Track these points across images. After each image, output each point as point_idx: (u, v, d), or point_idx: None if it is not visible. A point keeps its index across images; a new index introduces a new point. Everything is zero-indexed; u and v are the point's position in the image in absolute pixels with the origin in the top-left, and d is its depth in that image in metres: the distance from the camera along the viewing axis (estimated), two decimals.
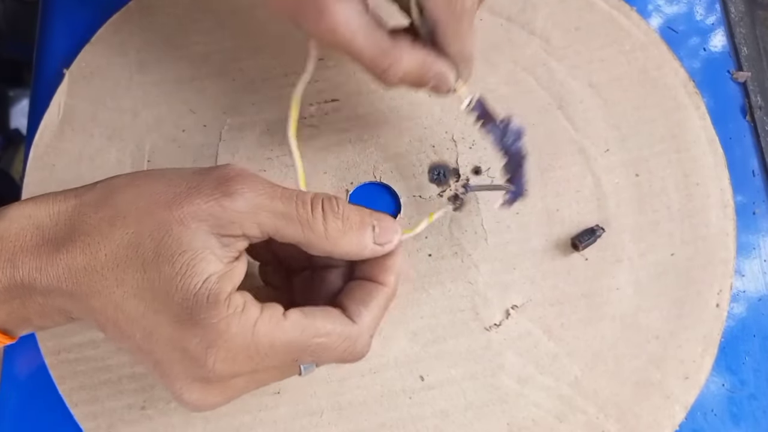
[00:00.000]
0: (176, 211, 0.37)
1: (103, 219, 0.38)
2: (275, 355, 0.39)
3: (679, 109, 0.57)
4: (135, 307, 0.37)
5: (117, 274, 0.37)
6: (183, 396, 0.39)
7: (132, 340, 0.38)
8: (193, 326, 0.36)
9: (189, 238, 0.37)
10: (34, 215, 0.39)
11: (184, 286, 0.36)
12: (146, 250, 0.37)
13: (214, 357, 0.37)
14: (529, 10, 0.59)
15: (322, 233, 0.40)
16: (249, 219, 0.38)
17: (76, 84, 0.57)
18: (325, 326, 0.40)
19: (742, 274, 0.54)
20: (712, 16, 0.61)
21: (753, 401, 0.52)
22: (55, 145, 0.56)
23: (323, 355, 0.40)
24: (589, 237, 0.53)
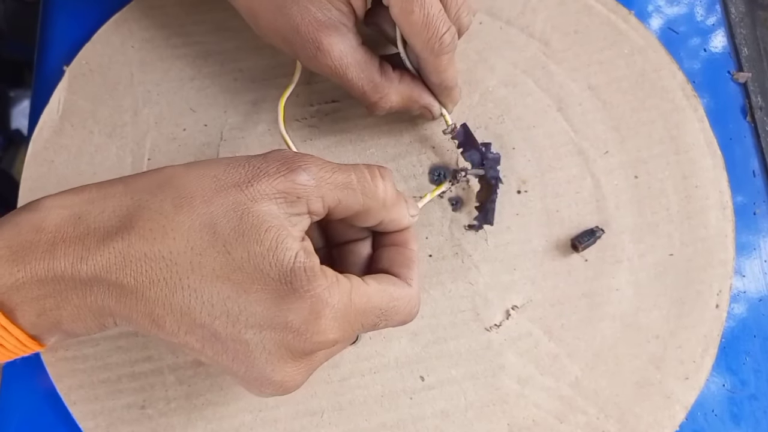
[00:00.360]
0: (247, 190, 0.37)
1: (166, 202, 0.37)
2: (364, 320, 0.40)
3: (677, 112, 0.57)
4: (217, 290, 0.36)
5: (191, 258, 0.36)
6: (272, 377, 0.38)
7: (204, 330, 0.37)
8: (298, 299, 0.37)
9: (269, 216, 0.37)
10: (74, 204, 0.38)
11: (278, 261, 0.36)
12: (225, 232, 0.37)
13: (323, 325, 0.37)
14: (528, 13, 0.59)
15: (381, 199, 0.42)
16: (314, 193, 0.39)
17: (76, 81, 0.57)
18: (395, 291, 0.42)
19: (742, 274, 0.55)
20: (713, 17, 0.61)
21: (753, 401, 0.52)
22: (54, 141, 0.56)
23: (394, 318, 0.42)
24: (588, 238, 0.53)
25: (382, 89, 0.50)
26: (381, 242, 0.46)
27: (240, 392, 0.50)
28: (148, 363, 0.51)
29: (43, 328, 0.38)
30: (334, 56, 0.48)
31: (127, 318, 0.38)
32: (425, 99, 0.53)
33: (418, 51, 0.49)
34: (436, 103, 0.53)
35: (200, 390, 0.50)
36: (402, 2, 0.46)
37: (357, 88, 0.50)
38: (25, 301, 0.37)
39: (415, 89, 0.52)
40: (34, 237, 0.37)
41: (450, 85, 0.52)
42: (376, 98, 0.51)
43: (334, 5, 0.47)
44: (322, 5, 0.47)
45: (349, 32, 0.49)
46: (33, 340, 0.39)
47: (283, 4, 0.47)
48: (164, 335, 0.38)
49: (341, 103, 0.57)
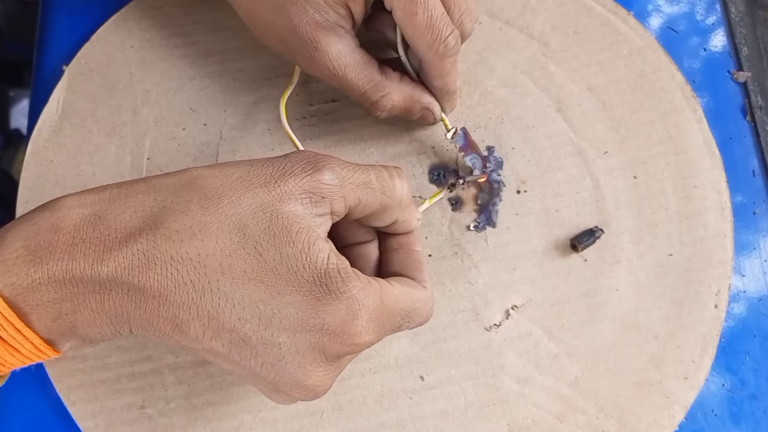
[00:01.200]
0: (274, 190, 0.37)
1: (192, 203, 0.37)
2: (393, 321, 0.40)
3: (676, 112, 0.57)
4: (249, 293, 0.36)
5: (221, 260, 0.36)
6: (304, 381, 0.38)
7: (232, 334, 0.36)
8: (334, 300, 0.36)
9: (298, 217, 0.37)
10: (95, 203, 0.37)
11: (311, 263, 0.36)
12: (256, 233, 0.36)
13: (360, 327, 0.37)
14: (527, 13, 0.59)
15: (397, 198, 0.42)
16: (337, 193, 0.39)
17: (75, 80, 0.57)
18: (416, 293, 0.42)
19: (742, 274, 0.55)
20: (713, 16, 0.61)
21: (753, 401, 0.52)
22: (53, 140, 0.56)
23: (415, 319, 0.43)
24: (588, 238, 0.53)
25: (383, 88, 0.50)
26: (388, 245, 0.46)
27: (240, 392, 0.50)
28: (147, 363, 0.51)
29: (58, 332, 0.37)
30: (332, 56, 0.48)
31: (146, 323, 0.37)
32: (427, 99, 0.52)
33: (422, 54, 0.49)
34: (437, 103, 0.53)
35: (200, 390, 0.50)
36: (405, 5, 0.46)
37: (357, 89, 0.50)
38: (41, 304, 0.36)
39: (417, 89, 0.52)
40: (53, 237, 0.36)
41: (452, 89, 0.53)
42: (378, 97, 0.51)
43: (332, 8, 0.47)
44: (320, 7, 0.47)
45: (347, 34, 0.49)
46: (48, 345, 0.38)
47: (281, 5, 0.47)
48: (187, 341, 0.37)
49: (341, 103, 0.57)
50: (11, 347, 0.37)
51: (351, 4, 0.47)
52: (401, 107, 0.52)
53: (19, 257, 0.36)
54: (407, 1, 0.46)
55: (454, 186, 0.54)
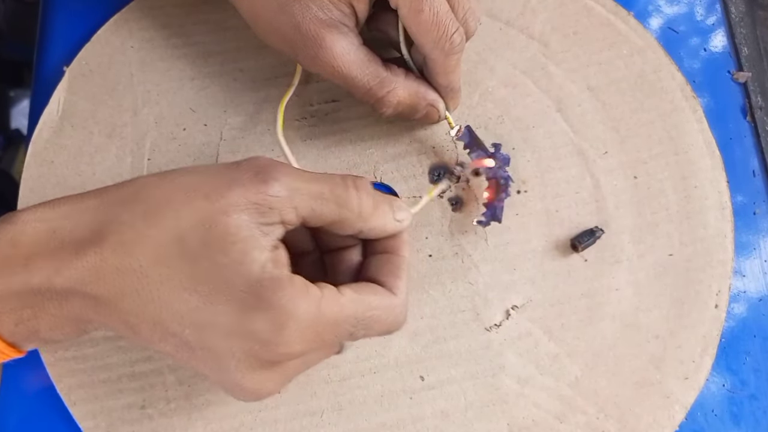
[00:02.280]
0: (216, 202, 0.37)
1: (136, 215, 0.37)
2: (337, 330, 0.39)
3: (676, 112, 0.57)
4: (185, 301, 0.36)
5: (160, 271, 0.36)
6: (243, 384, 0.39)
7: (176, 338, 0.37)
8: (262, 310, 0.36)
9: (236, 228, 0.37)
10: (50, 218, 0.39)
11: (244, 272, 0.36)
12: (192, 243, 0.37)
13: (287, 337, 0.37)
14: (527, 14, 0.59)
15: (356, 210, 0.41)
16: (287, 204, 0.38)
17: (76, 81, 0.57)
18: (375, 300, 0.41)
19: (742, 274, 0.55)
20: (713, 17, 0.61)
21: (753, 401, 0.52)
22: (54, 141, 0.56)
23: (374, 328, 0.41)
24: (588, 238, 0.53)
25: (389, 83, 0.50)
26: (371, 249, 0.46)
27: None
28: (148, 363, 0.51)
29: (21, 336, 0.39)
30: (337, 53, 0.48)
31: (104, 324, 0.39)
32: (432, 95, 0.52)
33: (428, 51, 0.49)
34: (442, 100, 0.53)
35: (200, 390, 0.50)
36: (411, 2, 0.46)
37: (362, 85, 0.50)
38: (3, 312, 0.38)
39: (422, 85, 0.52)
40: (10, 251, 0.38)
41: (456, 87, 0.53)
42: (383, 93, 0.50)
43: (336, 6, 0.47)
44: (324, 5, 0.47)
45: (351, 32, 0.49)
46: (11, 347, 0.40)
47: (284, 3, 0.47)
48: (141, 341, 0.39)
49: (341, 103, 0.57)
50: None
51: (354, 3, 0.47)
52: (406, 103, 0.52)
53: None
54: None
55: (453, 176, 0.54)
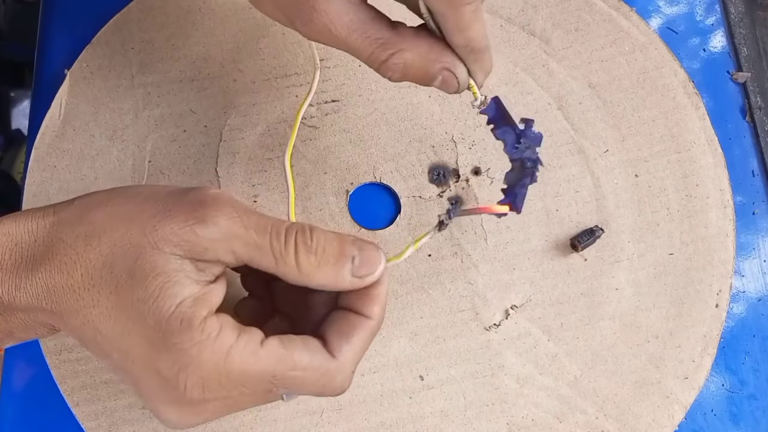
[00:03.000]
0: (150, 235, 0.36)
1: (79, 237, 0.37)
2: (248, 384, 0.37)
3: (678, 110, 0.57)
4: (110, 327, 0.37)
5: (92, 295, 0.37)
6: (161, 415, 0.38)
7: (110, 359, 0.38)
8: (166, 350, 0.36)
9: (163, 262, 0.36)
10: (13, 233, 0.39)
11: (157, 309, 0.35)
12: (120, 272, 0.36)
13: (185, 382, 0.36)
14: (528, 10, 0.59)
15: (294, 267, 0.38)
16: (223, 247, 0.37)
17: (77, 84, 0.57)
18: (303, 359, 0.38)
19: (741, 274, 0.55)
20: (712, 17, 0.61)
21: (753, 401, 0.52)
22: (56, 145, 0.56)
23: (299, 388, 0.39)
24: (588, 237, 0.53)
25: (394, 44, 0.42)
26: (340, 300, 0.42)
27: None
28: None
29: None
30: (332, 15, 0.41)
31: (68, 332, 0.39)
32: (447, 57, 0.43)
33: (436, 4, 0.41)
34: (461, 65, 0.44)
35: None
36: None
37: (364, 48, 0.43)
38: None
39: (436, 46, 0.43)
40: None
41: (478, 47, 0.43)
42: (386, 55, 0.42)
43: None
44: None
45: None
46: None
47: None
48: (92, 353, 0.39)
49: (341, 103, 0.57)
50: None
51: None
52: (416, 67, 0.43)
53: None
54: None
55: (442, 224, 0.46)
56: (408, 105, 0.57)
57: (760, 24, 0.61)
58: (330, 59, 0.57)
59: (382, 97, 0.57)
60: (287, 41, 0.58)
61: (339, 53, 0.56)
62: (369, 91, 0.57)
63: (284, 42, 0.58)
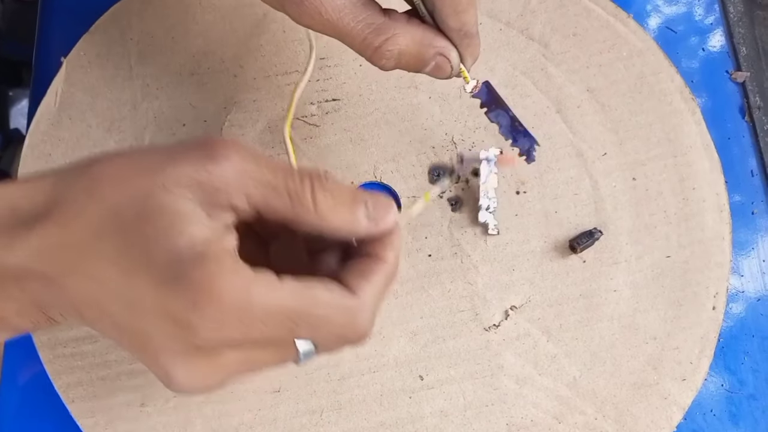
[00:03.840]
0: (158, 175, 0.34)
1: (81, 190, 0.35)
2: (270, 323, 0.35)
3: (675, 115, 0.57)
4: (115, 276, 0.34)
5: (95, 244, 0.34)
6: (169, 372, 0.35)
7: (111, 318, 0.35)
8: (178, 285, 0.33)
9: (172, 202, 0.34)
10: (8, 196, 0.36)
11: (167, 244, 0.33)
12: (126, 215, 0.34)
13: (200, 317, 0.33)
14: (527, 15, 0.60)
15: (310, 206, 0.37)
16: (236, 187, 0.35)
17: (74, 73, 0.57)
18: (323, 296, 0.36)
19: (740, 274, 0.55)
20: (711, 16, 0.62)
21: (752, 401, 0.52)
22: (51, 133, 0.55)
23: (322, 329, 0.36)
24: (586, 239, 0.53)
25: (387, 30, 0.43)
26: (355, 250, 0.41)
27: (239, 391, 0.50)
28: None
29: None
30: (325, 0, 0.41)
31: (62, 308, 0.36)
32: (441, 42, 0.44)
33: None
34: (454, 49, 0.45)
35: None
36: None
37: (356, 34, 0.43)
38: None
39: (428, 31, 0.44)
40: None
41: (471, 31, 0.45)
42: (379, 41, 0.43)
43: None
44: None
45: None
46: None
47: None
48: (88, 325, 0.36)
49: (341, 102, 0.57)
50: None
51: None
52: (410, 53, 0.44)
53: None
54: None
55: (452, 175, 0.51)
56: (408, 105, 0.57)
57: (759, 23, 0.61)
58: (331, 58, 0.57)
59: (382, 97, 0.57)
60: (288, 38, 0.58)
61: (340, 52, 0.57)
62: (370, 90, 0.57)
63: (285, 39, 0.58)
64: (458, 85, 0.56)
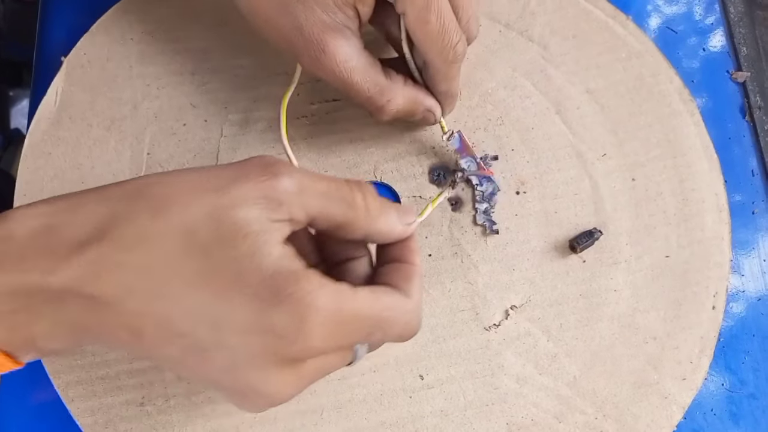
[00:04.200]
0: (226, 195, 0.36)
1: (141, 211, 0.36)
2: (355, 329, 0.38)
3: (674, 116, 0.57)
4: (198, 297, 0.35)
5: (167, 266, 0.35)
6: (259, 386, 0.37)
7: (185, 339, 0.35)
8: (280, 303, 0.35)
9: (245, 221, 0.36)
10: (47, 214, 0.36)
11: (258, 265, 0.35)
12: (205, 237, 0.35)
13: (308, 330, 0.35)
14: (527, 17, 0.60)
15: (363, 210, 0.40)
16: (296, 200, 0.37)
17: (74, 72, 0.57)
18: (389, 300, 0.39)
19: (741, 273, 0.55)
20: (712, 16, 0.62)
21: (752, 401, 0.52)
22: (51, 132, 0.55)
23: (389, 331, 0.40)
24: (586, 239, 0.53)
25: (388, 92, 0.50)
26: (381, 258, 0.45)
27: None
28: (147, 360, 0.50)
29: (16, 344, 0.37)
30: (339, 59, 0.47)
31: (104, 332, 0.36)
32: (429, 102, 0.52)
33: (431, 59, 0.49)
34: (439, 106, 0.53)
35: (200, 387, 0.50)
36: (419, 11, 0.46)
37: (362, 92, 0.49)
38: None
39: (420, 92, 0.52)
40: (4, 248, 0.35)
41: (454, 93, 0.53)
42: (383, 102, 0.50)
43: (341, 9, 0.46)
44: (328, 8, 0.46)
45: (354, 36, 0.48)
46: (8, 357, 0.37)
47: (287, 3, 0.46)
48: (144, 348, 0.36)
49: (342, 102, 0.57)
50: None
51: (359, 6, 0.46)
52: (405, 110, 0.51)
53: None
54: (421, 8, 0.45)
55: (455, 182, 0.54)
56: None
57: (760, 23, 0.62)
58: None
59: None
60: None
61: None
62: None
63: None
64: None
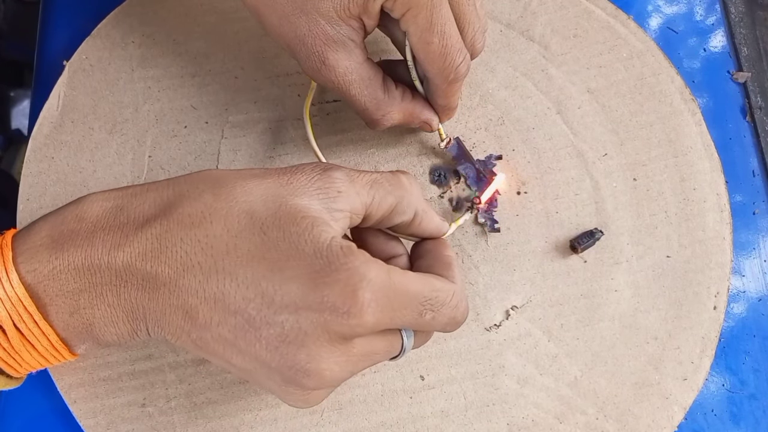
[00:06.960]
0: (287, 185, 0.38)
1: (205, 191, 0.38)
2: (407, 303, 0.38)
3: (675, 115, 0.57)
4: (252, 270, 0.36)
5: (227, 241, 0.37)
6: (309, 366, 0.37)
7: (237, 317, 0.36)
8: (333, 272, 0.36)
9: (305, 207, 0.38)
10: (117, 197, 0.39)
11: (314, 239, 0.37)
12: (263, 216, 0.37)
13: (360, 301, 0.36)
14: (528, 16, 0.60)
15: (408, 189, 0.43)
16: (351, 189, 0.40)
17: (76, 76, 0.57)
18: (438, 282, 0.40)
19: (742, 274, 0.55)
20: (712, 17, 0.62)
21: (753, 401, 0.52)
22: (54, 137, 0.56)
23: (441, 310, 0.40)
24: (587, 239, 0.53)
25: (385, 107, 0.50)
26: (417, 253, 0.46)
27: (240, 391, 0.50)
28: (148, 361, 0.51)
29: (74, 330, 0.39)
30: (339, 72, 0.48)
31: (159, 315, 0.38)
32: (426, 115, 0.53)
33: (432, 77, 0.49)
34: (436, 117, 0.53)
35: (200, 388, 0.50)
36: (422, 32, 0.46)
37: (359, 105, 0.50)
38: (60, 295, 0.38)
39: (417, 105, 0.52)
40: (75, 226, 0.38)
41: (453, 107, 0.53)
42: (379, 116, 0.50)
43: (345, 21, 0.46)
44: (333, 20, 0.46)
45: (356, 48, 0.48)
46: (64, 345, 0.39)
47: (290, 13, 0.46)
48: (197, 330, 0.37)
49: (343, 103, 0.57)
50: (28, 342, 0.39)
51: (364, 18, 0.46)
52: (401, 122, 0.52)
53: (42, 245, 0.38)
54: (424, 28, 0.45)
55: (472, 207, 0.54)
56: None
57: (761, 24, 0.62)
58: None
59: None
60: None
61: None
62: None
63: None
64: None
